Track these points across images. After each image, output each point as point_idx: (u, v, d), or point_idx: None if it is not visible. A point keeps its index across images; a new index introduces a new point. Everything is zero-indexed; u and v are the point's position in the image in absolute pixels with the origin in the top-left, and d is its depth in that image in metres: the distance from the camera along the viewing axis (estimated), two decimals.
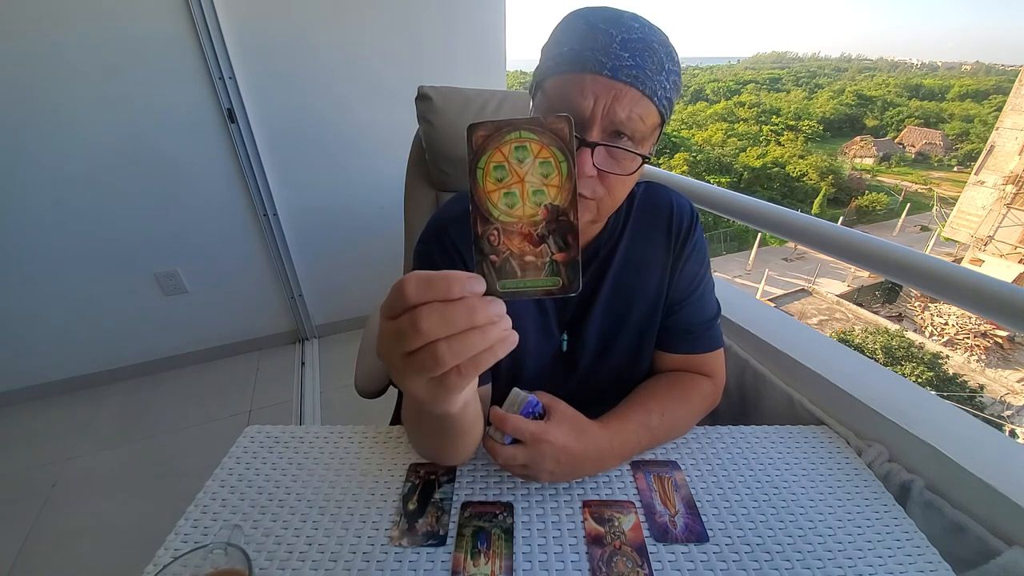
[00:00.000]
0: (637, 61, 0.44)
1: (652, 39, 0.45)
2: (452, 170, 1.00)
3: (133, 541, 0.82)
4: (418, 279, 0.27)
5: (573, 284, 0.29)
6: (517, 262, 0.29)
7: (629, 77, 0.44)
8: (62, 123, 1.44)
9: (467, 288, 0.27)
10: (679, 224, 0.63)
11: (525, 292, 0.29)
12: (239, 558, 0.40)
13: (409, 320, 0.26)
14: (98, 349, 1.80)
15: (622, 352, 0.65)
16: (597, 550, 0.48)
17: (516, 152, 0.28)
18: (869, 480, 0.59)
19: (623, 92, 0.45)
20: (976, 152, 25.63)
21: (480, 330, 0.27)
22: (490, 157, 0.28)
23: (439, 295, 0.26)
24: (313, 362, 2.01)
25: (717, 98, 45.53)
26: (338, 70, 1.69)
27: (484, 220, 0.29)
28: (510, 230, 0.29)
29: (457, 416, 0.39)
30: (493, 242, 0.29)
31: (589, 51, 0.44)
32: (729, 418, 0.87)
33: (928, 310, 13.24)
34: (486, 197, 0.29)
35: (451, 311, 0.26)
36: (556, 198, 0.28)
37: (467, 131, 0.28)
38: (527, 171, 0.28)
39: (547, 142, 0.28)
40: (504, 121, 0.28)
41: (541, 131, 0.28)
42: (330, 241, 1.97)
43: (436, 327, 0.26)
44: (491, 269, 0.29)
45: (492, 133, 0.28)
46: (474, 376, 0.28)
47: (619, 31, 0.44)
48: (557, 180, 0.28)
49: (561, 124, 0.28)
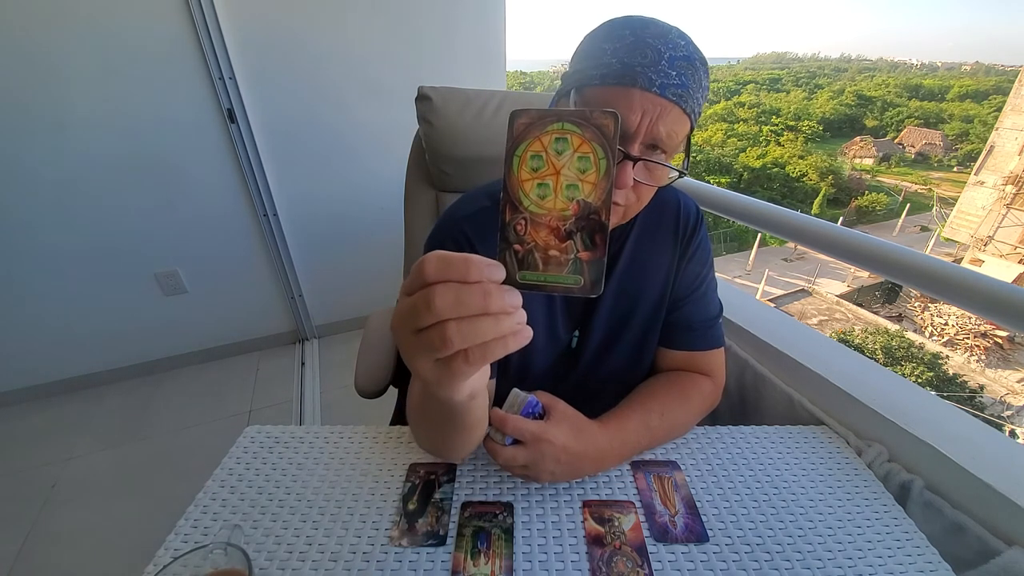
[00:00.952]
0: (683, 80, 0.45)
1: (695, 57, 0.46)
2: (452, 170, 1.00)
3: (133, 541, 0.82)
4: (438, 258, 0.27)
5: (596, 286, 0.28)
6: (540, 255, 0.28)
7: (675, 96, 0.45)
8: (62, 123, 1.44)
9: (485, 273, 0.27)
10: (685, 223, 0.64)
11: (545, 286, 0.28)
12: (239, 558, 0.40)
13: (423, 297, 0.26)
14: (98, 349, 1.80)
15: (625, 350, 0.65)
16: (597, 550, 0.48)
17: (556, 143, 0.27)
18: (869, 480, 0.59)
19: (668, 109, 0.45)
20: (976, 152, 25.65)
21: (493, 317, 0.27)
22: (528, 146, 0.28)
23: (456, 276, 0.26)
24: (313, 362, 2.01)
25: (717, 98, 45.50)
26: (338, 70, 1.69)
27: (513, 208, 0.28)
28: (538, 221, 0.28)
29: (462, 406, 0.39)
30: (519, 231, 0.28)
31: (639, 66, 0.44)
32: (729, 418, 0.87)
33: (928, 310, 13.25)
34: (519, 186, 0.28)
35: (465, 293, 0.26)
36: (590, 195, 0.28)
37: (510, 117, 0.28)
38: (564, 164, 0.28)
39: (589, 136, 0.27)
40: (549, 111, 0.27)
41: (585, 125, 0.27)
42: (330, 241, 1.97)
43: (448, 307, 0.26)
44: (513, 258, 0.28)
45: (534, 121, 0.27)
46: (482, 365, 0.28)
47: (667, 48, 0.45)
48: (593, 177, 0.27)
49: (607, 120, 0.27)
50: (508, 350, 0.27)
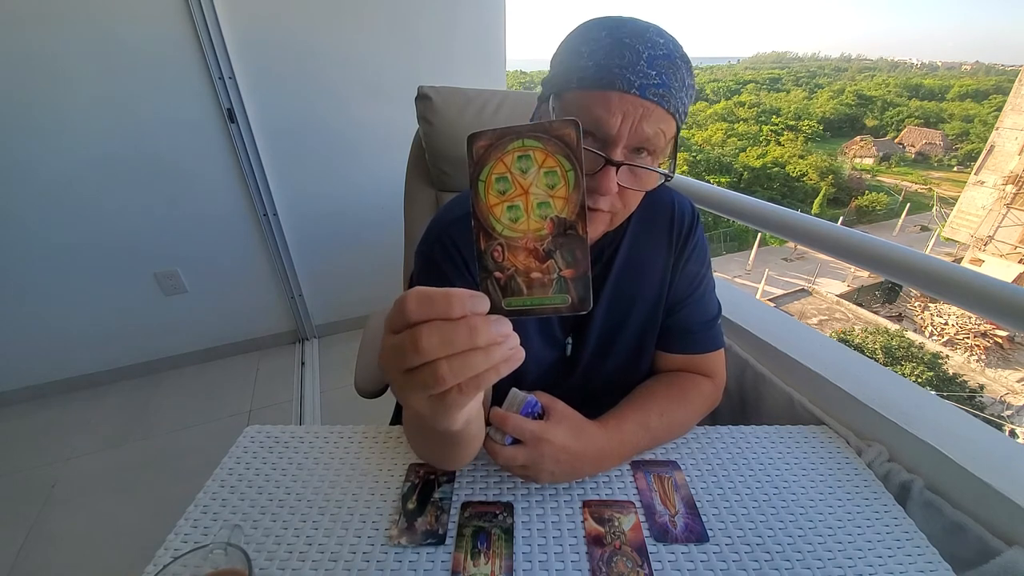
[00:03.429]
0: (663, 79, 0.44)
1: (675, 55, 0.45)
2: (452, 170, 1.00)
3: (133, 541, 0.83)
4: (419, 296, 0.26)
5: (584, 302, 0.27)
6: (523, 279, 0.27)
7: (656, 96, 0.44)
8: (62, 123, 1.44)
9: (469, 307, 0.26)
10: (680, 224, 0.63)
11: (532, 310, 0.28)
12: (239, 558, 0.40)
13: (409, 337, 0.25)
14: (98, 349, 1.80)
15: (622, 352, 0.64)
16: (597, 550, 0.48)
17: (519, 162, 0.26)
18: (869, 480, 0.59)
19: (650, 111, 0.44)
20: (976, 152, 25.63)
21: (483, 350, 0.26)
22: (492, 168, 0.27)
23: (439, 313, 0.25)
24: (313, 362, 2.01)
25: (717, 98, 45.50)
26: (338, 70, 1.68)
27: (487, 236, 0.27)
28: (514, 245, 0.27)
29: (459, 432, 0.39)
30: (497, 258, 0.27)
31: (617, 68, 0.43)
32: (729, 418, 0.87)
33: (928, 310, 13.24)
34: (488, 212, 0.27)
35: (451, 331, 0.25)
36: (563, 211, 0.27)
37: (467, 142, 0.27)
38: (531, 182, 0.27)
39: (552, 150, 0.26)
40: (506, 129, 0.26)
41: (546, 138, 0.26)
42: (330, 241, 1.97)
43: (436, 347, 0.25)
44: (496, 287, 0.27)
45: (493, 142, 0.27)
46: (476, 394, 0.27)
47: (645, 47, 0.43)
48: (563, 191, 0.26)
49: (568, 129, 0.26)
50: (501, 375, 0.27)
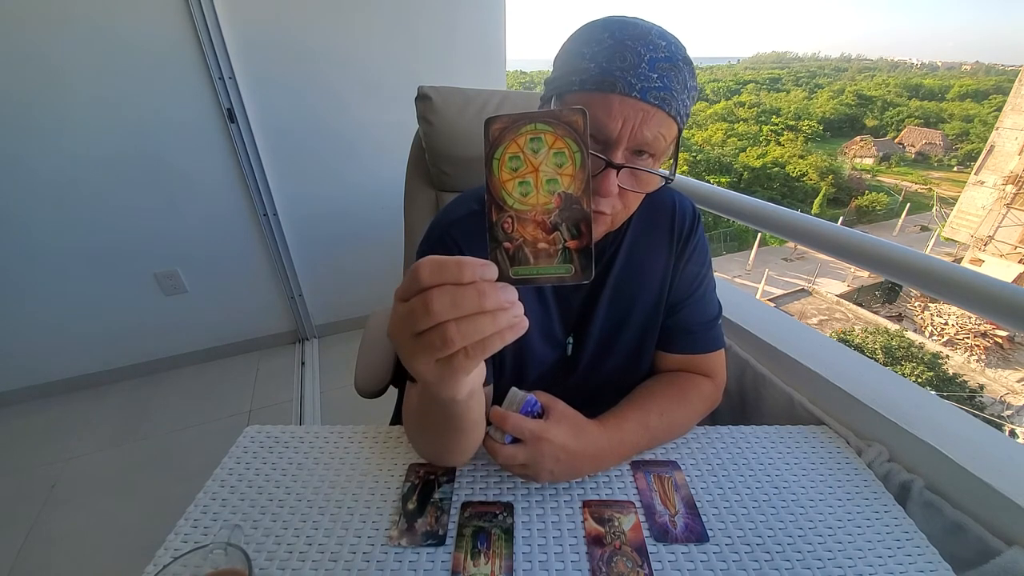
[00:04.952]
0: (665, 82, 0.44)
1: (678, 57, 0.45)
2: (452, 170, 1.00)
3: (133, 541, 0.83)
4: (432, 263, 0.28)
5: (586, 272, 0.30)
6: (530, 249, 0.30)
7: (657, 99, 0.44)
8: (62, 123, 1.44)
9: (479, 273, 0.27)
10: (681, 224, 0.63)
11: (538, 279, 0.30)
12: (239, 558, 0.40)
13: (421, 301, 0.27)
14: (98, 349, 1.80)
15: (623, 352, 0.64)
16: (597, 550, 0.48)
17: (531, 143, 0.29)
18: (869, 480, 0.59)
19: (651, 114, 0.44)
20: (976, 152, 25.63)
21: (490, 314, 0.28)
22: (506, 148, 0.29)
23: (451, 278, 0.27)
24: (313, 362, 2.01)
25: (717, 98, 45.48)
26: (338, 70, 1.68)
27: (499, 208, 0.30)
28: (524, 218, 0.29)
29: (462, 405, 0.39)
30: (507, 229, 0.30)
31: (618, 71, 0.43)
32: (729, 418, 0.87)
33: (928, 310, 13.24)
34: (501, 186, 0.29)
35: (462, 294, 0.27)
36: (569, 187, 0.29)
37: (484, 124, 0.29)
38: (541, 161, 0.29)
39: (562, 133, 0.29)
40: (520, 114, 0.29)
41: (556, 123, 0.29)
42: (330, 241, 1.97)
43: (446, 309, 0.27)
44: (504, 256, 0.30)
45: (508, 125, 0.29)
46: (481, 359, 0.29)
47: (647, 50, 0.43)
48: (571, 169, 0.29)
49: (576, 117, 0.28)
50: (505, 342, 0.29)
